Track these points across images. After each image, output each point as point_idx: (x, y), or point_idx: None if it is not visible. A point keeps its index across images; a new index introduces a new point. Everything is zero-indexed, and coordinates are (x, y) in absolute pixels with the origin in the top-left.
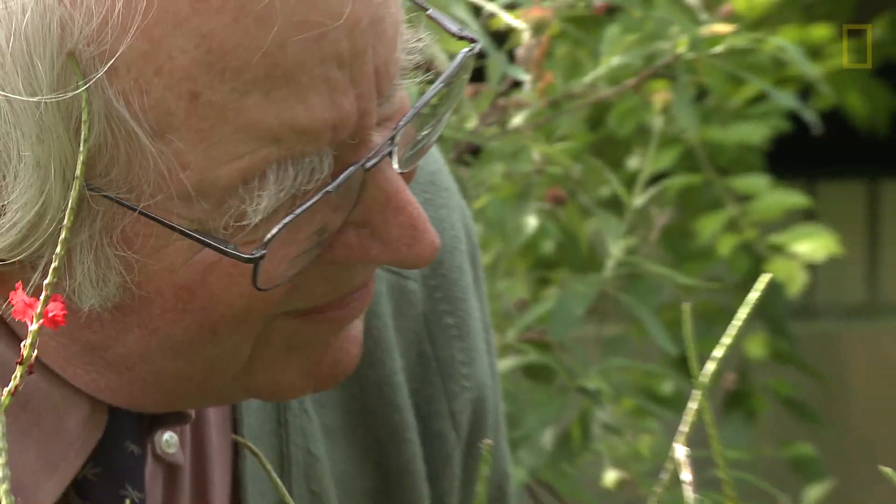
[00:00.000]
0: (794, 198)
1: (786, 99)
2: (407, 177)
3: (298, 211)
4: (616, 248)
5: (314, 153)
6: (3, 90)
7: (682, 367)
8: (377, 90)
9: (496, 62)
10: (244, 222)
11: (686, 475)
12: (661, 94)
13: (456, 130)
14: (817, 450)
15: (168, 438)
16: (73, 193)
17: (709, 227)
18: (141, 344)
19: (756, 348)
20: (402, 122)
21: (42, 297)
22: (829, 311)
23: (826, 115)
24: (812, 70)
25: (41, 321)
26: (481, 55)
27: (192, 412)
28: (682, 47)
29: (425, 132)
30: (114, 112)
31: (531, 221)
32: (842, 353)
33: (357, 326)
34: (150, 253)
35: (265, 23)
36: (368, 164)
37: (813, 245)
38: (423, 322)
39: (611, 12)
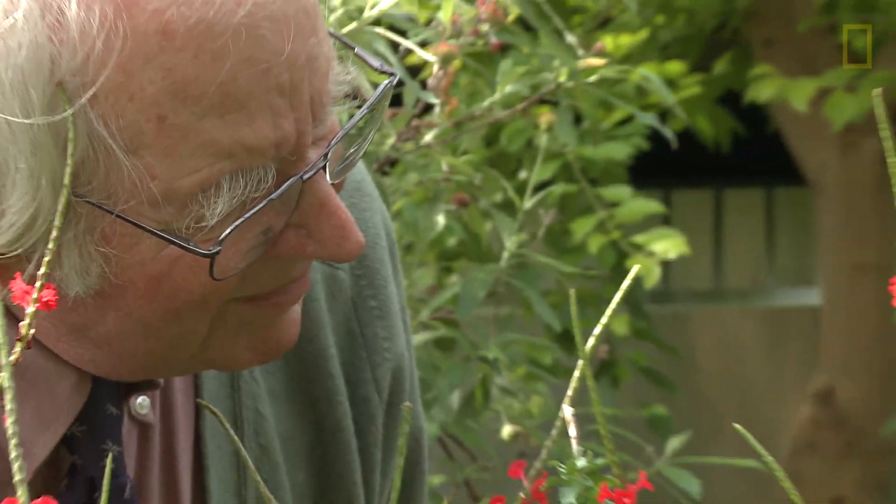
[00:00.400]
0: (651, 205)
1: (648, 119)
2: (337, 187)
3: (247, 215)
4: (509, 243)
5: (260, 167)
6: (3, 113)
7: (563, 340)
8: (312, 115)
9: (411, 89)
10: (203, 224)
11: (572, 430)
12: (545, 117)
13: (378, 146)
14: (670, 411)
15: (141, 402)
16: (62, 199)
17: (582, 228)
18: (117, 325)
19: (620, 327)
20: (333, 142)
21: (37, 286)
22: (682, 296)
23: (679, 135)
24: (669, 97)
25: (37, 305)
26: (399, 83)
27: (162, 380)
28: (562, 78)
29: (352, 150)
30: (95, 132)
31: (440, 221)
32: (691, 331)
33: (296, 310)
34: (125, 249)
35: (220, 59)
36: (305, 177)
37: (666, 245)
38: (351, 305)
39: (504, 49)
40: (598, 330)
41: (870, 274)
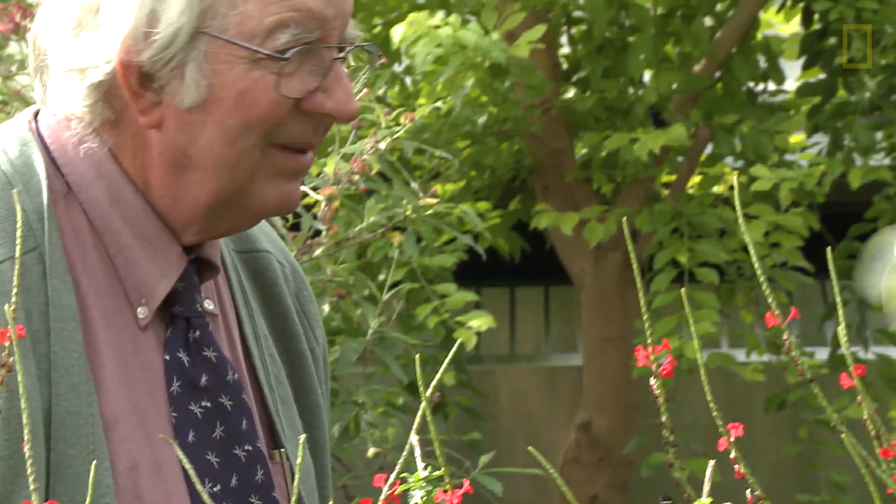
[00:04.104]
0: (469, 296)
1: (466, 239)
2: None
3: (303, 47)
4: (373, 323)
5: (311, 28)
6: None
7: (410, 389)
8: (344, 16)
9: (307, 219)
10: (277, 50)
11: (417, 451)
12: (397, 238)
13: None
14: (482, 436)
15: (207, 302)
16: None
17: (423, 311)
18: (213, 135)
19: (448, 378)
20: (352, 46)
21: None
22: (489, 358)
23: (487, 250)
24: (480, 225)
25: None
26: (297, 215)
27: (220, 265)
28: (408, 212)
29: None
30: None
31: (326, 308)
32: (495, 382)
33: (298, 187)
34: (227, 68)
35: None
36: (336, 56)
37: (479, 322)
38: (294, 292)
39: (369, 192)
40: (434, 381)
41: (614, 344)
